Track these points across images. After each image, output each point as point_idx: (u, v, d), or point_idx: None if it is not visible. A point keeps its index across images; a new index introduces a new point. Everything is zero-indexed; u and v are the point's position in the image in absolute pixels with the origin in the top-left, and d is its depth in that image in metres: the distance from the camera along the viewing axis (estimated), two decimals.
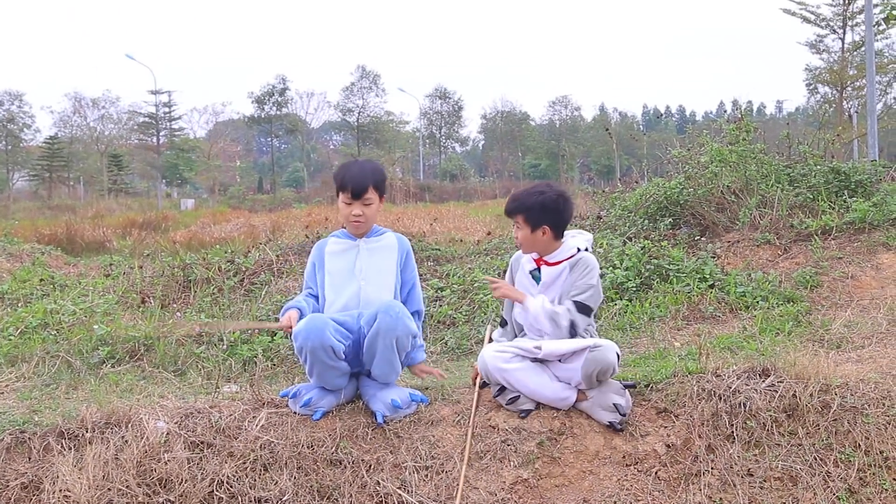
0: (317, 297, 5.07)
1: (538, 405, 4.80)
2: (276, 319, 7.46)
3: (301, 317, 4.79)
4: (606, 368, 4.62)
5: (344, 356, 4.66)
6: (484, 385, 4.94)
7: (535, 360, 4.78)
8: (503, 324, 5.28)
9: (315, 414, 4.72)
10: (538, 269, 4.97)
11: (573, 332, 4.76)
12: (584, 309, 4.79)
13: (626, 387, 4.82)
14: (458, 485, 4.43)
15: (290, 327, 4.70)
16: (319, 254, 5.13)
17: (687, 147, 12.65)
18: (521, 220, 4.88)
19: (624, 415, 4.71)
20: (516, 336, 5.10)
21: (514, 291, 5.00)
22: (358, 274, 4.99)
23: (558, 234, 4.92)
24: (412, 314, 4.92)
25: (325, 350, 4.53)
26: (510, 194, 5.12)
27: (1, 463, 4.44)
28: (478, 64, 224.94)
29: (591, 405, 4.75)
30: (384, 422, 4.68)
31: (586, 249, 4.92)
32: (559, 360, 4.74)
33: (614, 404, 4.70)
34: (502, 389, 4.81)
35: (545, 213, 4.84)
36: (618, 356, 4.67)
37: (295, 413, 4.79)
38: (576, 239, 4.98)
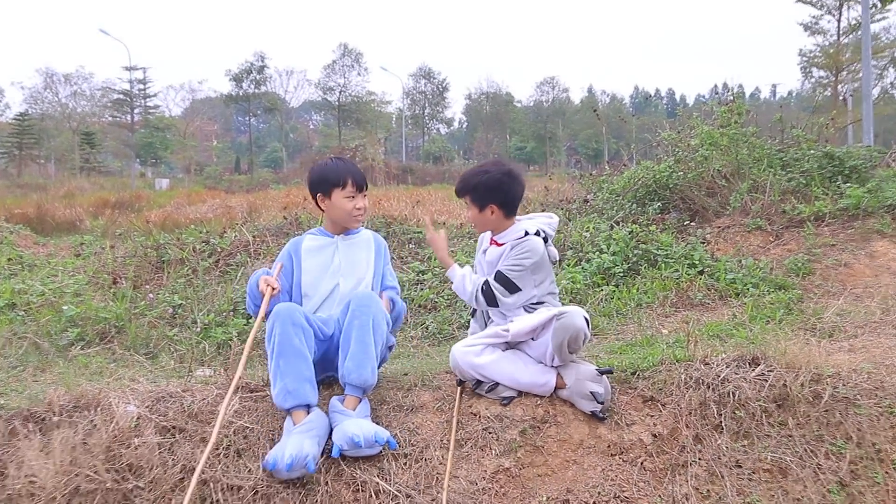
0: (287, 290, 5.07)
1: (520, 392, 4.79)
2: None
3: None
4: (576, 334, 4.59)
5: (313, 349, 4.60)
6: (461, 383, 4.93)
7: (507, 347, 4.81)
8: (473, 313, 5.29)
9: (308, 467, 4.25)
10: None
11: (490, 300, 4.85)
12: (503, 280, 4.83)
13: (602, 373, 4.76)
14: (439, 474, 4.41)
15: (274, 288, 4.70)
16: (296, 249, 5.13)
17: (677, 130, 12.66)
18: (469, 200, 4.97)
19: (602, 402, 4.67)
20: (486, 323, 5.11)
21: (441, 252, 5.17)
22: (336, 271, 5.02)
23: (508, 213, 4.97)
24: (390, 289, 5.11)
25: (296, 328, 4.48)
26: (459, 178, 5.15)
27: None
28: (463, 43, 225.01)
29: (571, 394, 4.73)
30: (340, 456, 4.40)
31: (537, 233, 4.91)
32: (532, 339, 4.76)
33: (591, 392, 4.67)
34: (479, 383, 4.80)
35: (490, 193, 4.89)
36: (587, 321, 4.64)
37: (283, 473, 4.31)
38: (528, 222, 5.03)
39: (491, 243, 5.05)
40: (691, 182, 10.83)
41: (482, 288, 4.84)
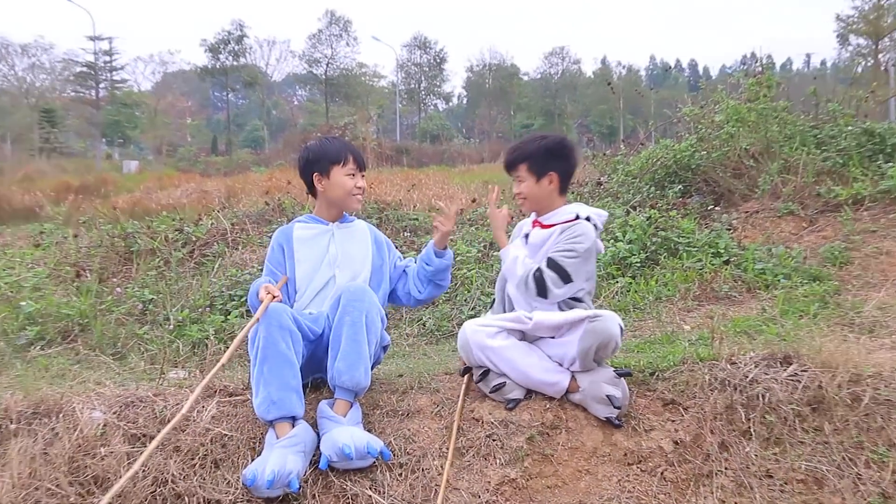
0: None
1: (528, 394, 4.78)
2: (233, 297, 7.45)
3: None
4: (607, 342, 4.58)
5: (300, 354, 4.58)
6: (466, 371, 4.92)
7: (522, 338, 4.78)
8: (491, 304, 5.30)
9: (292, 485, 4.23)
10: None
11: (541, 290, 4.76)
12: (556, 268, 4.77)
13: (620, 375, 4.73)
14: (437, 485, 4.41)
15: (275, 296, 4.61)
16: (286, 239, 5.10)
17: (700, 105, 12.65)
18: (525, 169, 4.90)
19: (619, 407, 4.65)
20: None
21: (500, 231, 5.15)
22: (332, 262, 5.01)
23: (564, 187, 4.95)
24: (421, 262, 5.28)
25: (283, 332, 4.45)
26: (508, 150, 5.10)
27: None
28: (463, 10, 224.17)
29: (584, 397, 4.71)
30: (328, 468, 4.41)
31: (587, 219, 4.89)
32: (552, 337, 4.73)
33: (607, 396, 4.64)
34: (486, 374, 4.77)
35: (552, 158, 4.89)
36: (621, 329, 4.64)
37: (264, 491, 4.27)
38: (579, 206, 4.99)
39: (534, 225, 5.01)
40: (716, 162, 10.83)
41: (534, 274, 4.76)
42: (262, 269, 5.34)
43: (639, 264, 8.01)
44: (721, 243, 8.22)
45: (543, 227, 4.94)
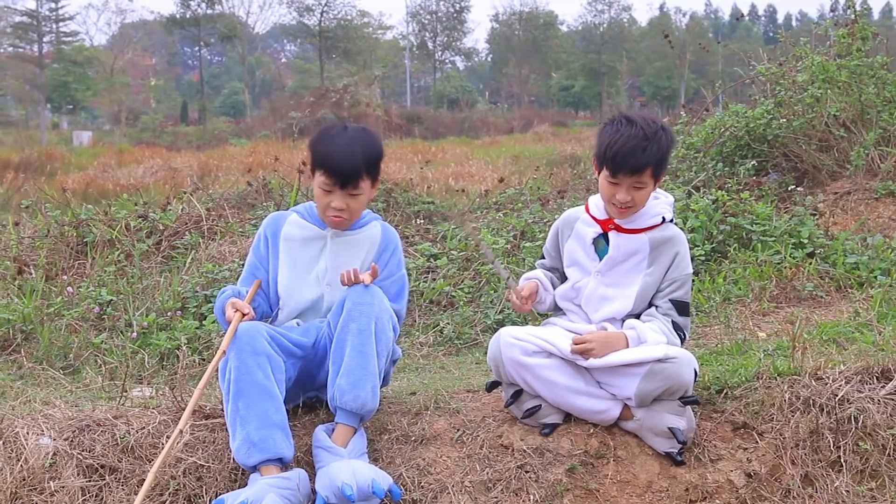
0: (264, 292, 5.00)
1: (567, 417, 4.80)
2: (209, 299, 7.49)
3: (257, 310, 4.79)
4: (676, 389, 4.55)
5: (283, 381, 4.54)
6: (494, 386, 4.93)
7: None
8: (542, 257, 5.26)
9: None
10: (603, 235, 4.89)
11: (683, 338, 4.78)
12: (684, 309, 4.79)
13: (686, 403, 4.67)
14: None
15: (245, 314, 4.57)
16: (274, 231, 4.99)
17: (778, 62, 12.59)
18: (650, 174, 4.65)
19: (683, 442, 4.64)
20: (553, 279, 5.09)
21: (608, 343, 4.71)
22: (320, 276, 4.90)
23: None
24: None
25: (258, 358, 4.42)
26: (620, 142, 4.61)
27: None
28: None
29: (640, 427, 4.71)
30: None
31: (671, 221, 4.86)
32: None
33: (670, 428, 4.62)
34: (517, 394, 4.77)
35: (669, 156, 4.78)
36: (695, 372, 4.63)
37: None
38: (658, 202, 4.89)
39: (606, 227, 4.87)
40: (798, 132, 10.80)
41: (678, 336, 4.74)
42: (242, 264, 5.36)
43: (703, 258, 7.99)
44: (804, 232, 8.20)
45: (625, 231, 4.82)
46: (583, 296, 4.88)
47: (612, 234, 4.83)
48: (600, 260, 4.86)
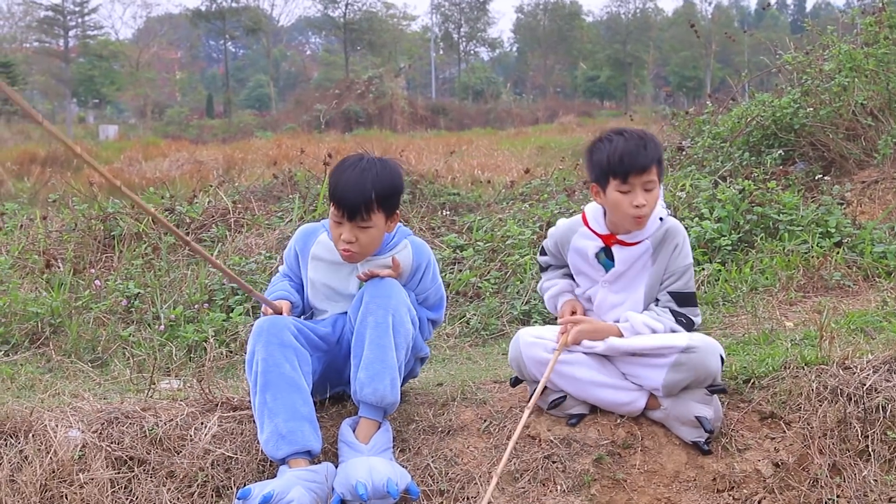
0: (301, 288, 4.97)
1: (593, 407, 4.80)
2: (236, 291, 7.50)
3: (293, 308, 4.79)
4: (702, 378, 4.55)
5: (310, 374, 4.57)
6: (518, 382, 4.93)
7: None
8: (542, 252, 5.21)
9: None
10: (605, 249, 4.84)
11: (690, 327, 4.73)
12: (686, 299, 4.76)
13: (713, 391, 4.68)
14: None
15: (280, 312, 4.62)
16: (304, 248, 4.92)
17: (805, 50, 12.55)
18: (656, 171, 4.63)
19: (710, 431, 4.63)
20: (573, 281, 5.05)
21: (596, 332, 4.76)
22: (346, 300, 4.83)
23: None
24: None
25: (285, 350, 4.45)
26: (620, 148, 4.58)
27: None
28: None
29: (666, 417, 4.71)
30: None
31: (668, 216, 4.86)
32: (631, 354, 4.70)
33: (697, 417, 4.61)
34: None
35: (663, 158, 4.82)
36: (722, 360, 4.63)
37: None
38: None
39: (609, 242, 4.81)
40: (825, 121, 10.76)
41: (677, 321, 4.71)
42: (269, 257, 5.36)
43: (730, 247, 7.97)
44: (832, 221, 8.16)
45: (627, 244, 4.77)
46: (594, 304, 4.89)
47: (615, 249, 4.79)
48: (606, 271, 4.83)
